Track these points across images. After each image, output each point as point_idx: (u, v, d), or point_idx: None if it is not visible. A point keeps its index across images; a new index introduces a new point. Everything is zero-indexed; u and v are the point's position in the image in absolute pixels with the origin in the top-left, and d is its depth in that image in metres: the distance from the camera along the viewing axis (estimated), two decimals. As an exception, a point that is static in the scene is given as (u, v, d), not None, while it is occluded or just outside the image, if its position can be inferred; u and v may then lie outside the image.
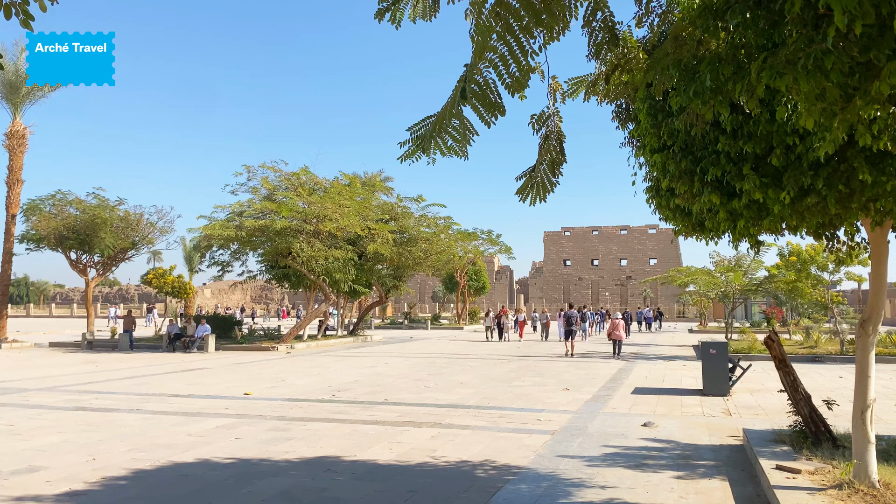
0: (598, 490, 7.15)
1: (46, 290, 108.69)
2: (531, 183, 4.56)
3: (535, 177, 4.52)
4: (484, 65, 3.05)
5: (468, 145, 3.57)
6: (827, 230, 6.18)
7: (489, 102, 3.20)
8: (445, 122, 3.36)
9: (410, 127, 3.60)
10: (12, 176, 30.84)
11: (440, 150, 3.59)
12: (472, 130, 3.47)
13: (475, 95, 3.14)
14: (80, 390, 15.08)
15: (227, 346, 28.20)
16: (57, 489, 7.05)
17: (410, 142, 3.58)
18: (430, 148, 3.49)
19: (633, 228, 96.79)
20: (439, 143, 3.50)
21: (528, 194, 4.61)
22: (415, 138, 3.56)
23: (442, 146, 3.54)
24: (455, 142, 3.52)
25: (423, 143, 3.51)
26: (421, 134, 3.52)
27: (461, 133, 3.46)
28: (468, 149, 3.57)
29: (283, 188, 29.26)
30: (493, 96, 3.18)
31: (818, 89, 2.96)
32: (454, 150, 3.60)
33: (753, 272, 32.98)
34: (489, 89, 3.15)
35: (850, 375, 17.76)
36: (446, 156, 3.65)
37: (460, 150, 3.60)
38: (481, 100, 3.18)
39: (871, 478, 6.20)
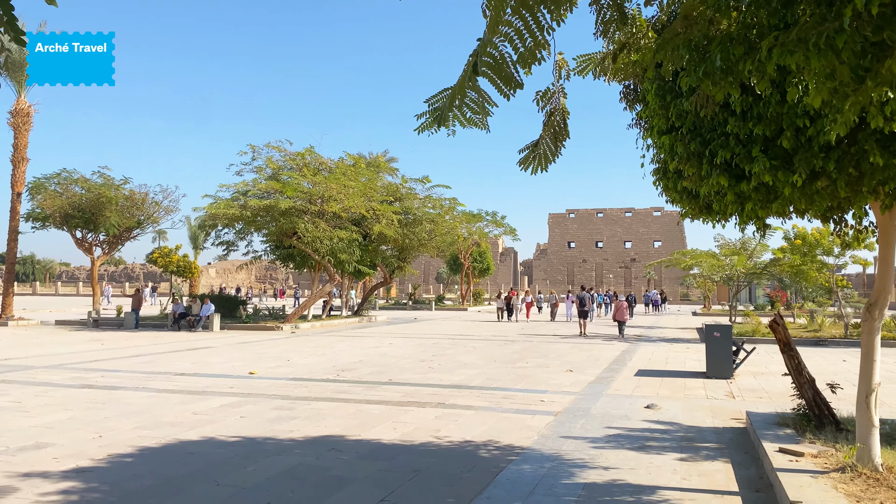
0: (601, 471, 7.19)
1: (52, 269, 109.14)
2: (534, 154, 4.54)
3: (538, 149, 4.50)
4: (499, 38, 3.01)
5: (488, 117, 3.56)
6: (835, 213, 6.14)
7: (505, 75, 3.18)
8: (462, 94, 3.33)
9: (428, 99, 3.58)
10: (17, 154, 30.84)
11: (460, 122, 3.58)
12: (491, 102, 3.46)
13: (489, 68, 3.12)
14: (87, 368, 15.18)
15: (232, 326, 28.32)
16: (64, 466, 7.11)
17: (427, 113, 3.56)
18: (448, 119, 3.47)
19: (637, 211, 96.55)
20: (458, 115, 3.48)
21: (530, 164, 4.60)
22: (432, 110, 3.54)
23: (461, 118, 3.53)
24: (474, 113, 3.50)
25: (440, 115, 3.48)
26: (439, 105, 3.50)
27: (480, 105, 3.44)
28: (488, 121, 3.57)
29: (288, 168, 29.22)
30: (510, 69, 3.16)
31: (829, 68, 2.92)
32: (474, 121, 3.59)
33: (758, 256, 32.90)
34: (504, 63, 3.12)
35: (853, 359, 17.76)
36: (466, 127, 3.65)
37: (480, 122, 3.59)
38: (497, 72, 3.15)
39: (874, 461, 6.20)
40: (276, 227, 27.26)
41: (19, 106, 30.94)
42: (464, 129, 3.84)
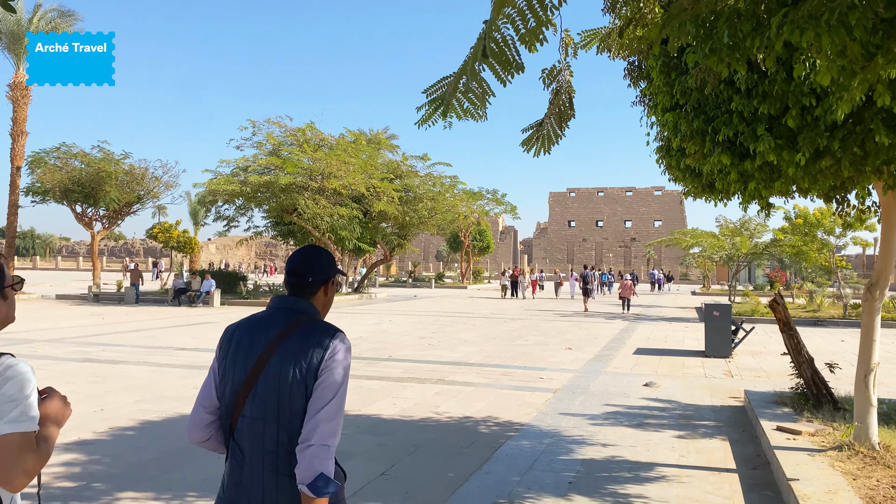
0: (600, 447, 7.24)
1: (52, 243, 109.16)
2: (537, 135, 4.48)
3: (542, 129, 4.45)
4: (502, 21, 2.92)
5: (485, 107, 3.45)
6: (838, 193, 6.12)
7: (505, 60, 3.06)
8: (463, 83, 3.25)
9: (426, 89, 3.43)
10: (16, 128, 30.69)
11: (456, 114, 3.44)
12: (489, 91, 3.33)
13: (493, 54, 3.01)
14: (88, 342, 15.24)
15: (232, 302, 28.38)
16: (66, 438, 7.16)
17: (427, 105, 3.46)
18: (447, 111, 3.38)
19: (638, 190, 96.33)
20: (455, 106, 3.37)
21: (533, 146, 4.54)
22: (431, 101, 3.44)
23: (458, 109, 3.39)
24: (472, 104, 3.38)
25: (440, 107, 3.39)
26: (438, 96, 3.41)
27: (478, 95, 3.34)
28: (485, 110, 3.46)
29: (289, 144, 29.11)
30: (511, 53, 3.06)
31: (840, 46, 2.88)
32: (471, 112, 3.44)
33: (759, 236, 32.90)
34: (507, 46, 3.02)
35: (851, 339, 17.82)
36: (462, 119, 3.50)
37: (476, 113, 3.47)
38: (498, 58, 3.04)
39: (871, 440, 6.25)
40: (276, 203, 27.22)
41: (18, 79, 30.72)
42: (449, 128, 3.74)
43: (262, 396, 2.27)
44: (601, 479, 6.17)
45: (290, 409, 2.25)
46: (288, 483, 2.24)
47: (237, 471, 2.31)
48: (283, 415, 2.25)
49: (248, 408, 2.29)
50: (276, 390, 2.26)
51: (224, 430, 2.38)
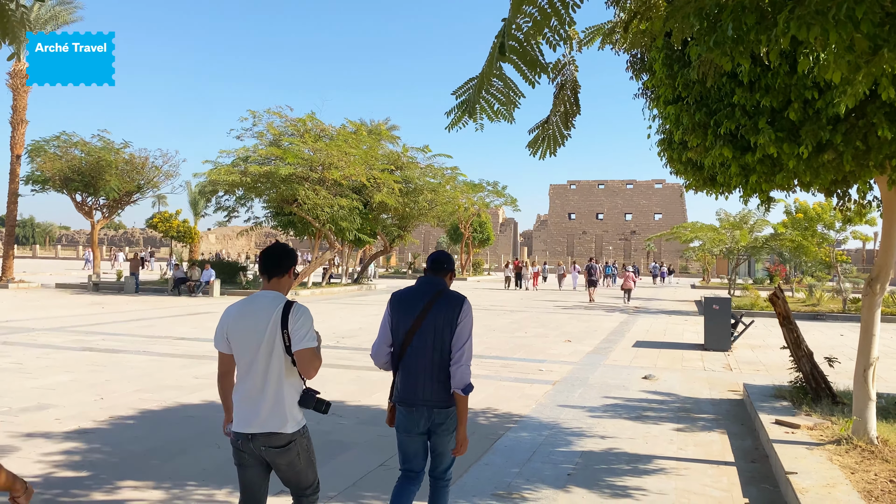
0: (598, 440, 7.26)
1: (52, 232, 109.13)
2: (543, 136, 4.45)
3: (548, 129, 4.42)
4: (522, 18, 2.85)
5: (515, 108, 3.41)
6: (839, 187, 6.11)
7: (530, 59, 2.98)
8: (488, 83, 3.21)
9: (455, 91, 3.42)
10: (16, 116, 30.60)
11: (487, 116, 3.39)
12: (518, 92, 3.27)
13: (515, 52, 2.91)
14: (87, 331, 15.25)
15: (232, 292, 28.40)
16: (66, 427, 7.18)
17: (456, 108, 3.42)
18: (476, 113, 3.34)
19: (639, 183, 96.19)
20: (485, 106, 3.33)
21: (539, 147, 4.52)
22: (460, 104, 3.41)
23: (489, 110, 3.35)
24: (501, 105, 3.33)
25: (469, 108, 3.36)
26: (466, 98, 3.38)
27: (506, 95, 3.30)
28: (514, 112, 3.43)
29: (289, 134, 29.02)
30: (534, 52, 3.00)
31: (847, 41, 2.87)
32: (502, 113, 3.40)
33: (759, 230, 32.89)
34: (529, 45, 2.95)
35: (850, 334, 17.85)
36: (494, 121, 3.45)
37: (507, 114, 3.43)
38: (522, 57, 2.95)
39: (869, 434, 6.26)
40: (276, 193, 27.17)
41: (18, 67, 30.62)
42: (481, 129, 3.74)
43: (424, 335, 3.83)
44: (600, 471, 6.19)
45: (441, 342, 3.82)
46: (439, 385, 3.83)
47: (408, 378, 3.87)
48: (437, 346, 3.81)
49: (414, 341, 3.85)
50: (432, 331, 3.83)
51: (394, 356, 3.95)
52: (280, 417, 3.45)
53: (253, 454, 3.54)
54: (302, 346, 3.39)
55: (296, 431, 3.52)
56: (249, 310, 3.53)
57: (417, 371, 3.83)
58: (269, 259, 3.61)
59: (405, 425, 3.92)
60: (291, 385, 3.51)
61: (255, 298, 3.57)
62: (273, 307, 3.47)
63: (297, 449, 3.55)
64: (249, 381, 3.50)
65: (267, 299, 3.52)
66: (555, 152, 4.62)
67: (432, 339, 3.81)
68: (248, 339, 3.48)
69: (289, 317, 3.42)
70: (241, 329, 3.50)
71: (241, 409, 3.52)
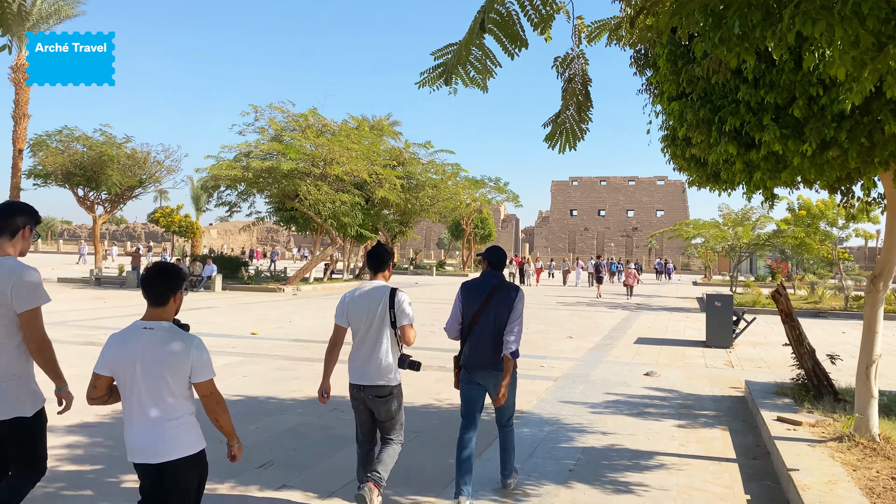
0: (600, 436, 7.26)
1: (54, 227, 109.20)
2: (559, 129, 4.45)
3: (562, 123, 4.41)
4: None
5: (490, 77, 3.50)
6: (843, 184, 6.10)
7: (511, 33, 3.12)
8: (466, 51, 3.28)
9: (434, 52, 3.49)
10: (18, 110, 30.62)
11: (462, 81, 3.51)
12: (495, 62, 3.39)
13: (496, 24, 3.06)
14: (90, 325, 15.27)
15: (234, 287, 28.43)
16: (68, 421, 7.19)
17: (431, 69, 3.50)
18: (451, 78, 3.42)
19: (641, 179, 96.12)
20: (461, 73, 3.42)
21: (557, 141, 4.51)
22: (436, 66, 3.48)
23: (464, 76, 3.46)
24: (477, 73, 3.45)
25: (445, 72, 3.43)
26: (443, 61, 3.44)
27: (483, 64, 3.39)
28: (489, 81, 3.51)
29: (291, 129, 29.00)
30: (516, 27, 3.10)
31: (852, 36, 2.86)
32: (476, 81, 3.52)
33: (761, 227, 32.86)
34: (511, 20, 3.07)
35: (852, 331, 17.84)
36: (468, 87, 3.59)
37: (482, 82, 3.54)
38: (503, 29, 3.10)
39: (871, 431, 6.26)
40: (278, 188, 27.18)
41: (20, 61, 30.60)
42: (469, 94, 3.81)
43: (487, 315, 5.02)
44: (601, 466, 6.20)
45: (500, 321, 4.98)
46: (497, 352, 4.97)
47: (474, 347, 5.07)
48: (498, 324, 4.99)
49: (480, 321, 5.03)
50: (493, 313, 5.01)
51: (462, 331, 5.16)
52: (386, 374, 4.68)
53: (362, 401, 4.78)
54: (404, 322, 4.70)
55: (395, 386, 4.78)
56: (365, 295, 4.73)
57: (480, 342, 5.04)
58: (376, 258, 4.87)
59: (468, 380, 5.16)
60: (394, 351, 4.70)
61: (369, 286, 4.78)
62: (383, 293, 4.69)
63: (394, 398, 4.80)
64: (364, 347, 4.70)
65: (377, 287, 4.74)
66: (574, 146, 4.63)
67: (493, 318, 5.01)
68: (363, 315, 4.68)
69: (394, 300, 4.67)
70: (358, 308, 4.71)
71: (356, 367, 4.77)
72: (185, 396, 3.40)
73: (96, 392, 3.45)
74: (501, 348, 4.95)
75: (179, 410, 3.37)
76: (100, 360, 3.42)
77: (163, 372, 3.29)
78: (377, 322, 4.64)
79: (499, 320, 4.99)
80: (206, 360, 3.35)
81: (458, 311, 5.18)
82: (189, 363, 3.31)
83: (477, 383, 5.13)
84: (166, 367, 3.29)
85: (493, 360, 5.02)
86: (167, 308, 3.41)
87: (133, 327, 3.42)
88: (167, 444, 3.33)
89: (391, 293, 4.69)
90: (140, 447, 3.35)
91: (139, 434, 3.36)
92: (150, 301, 3.41)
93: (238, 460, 3.68)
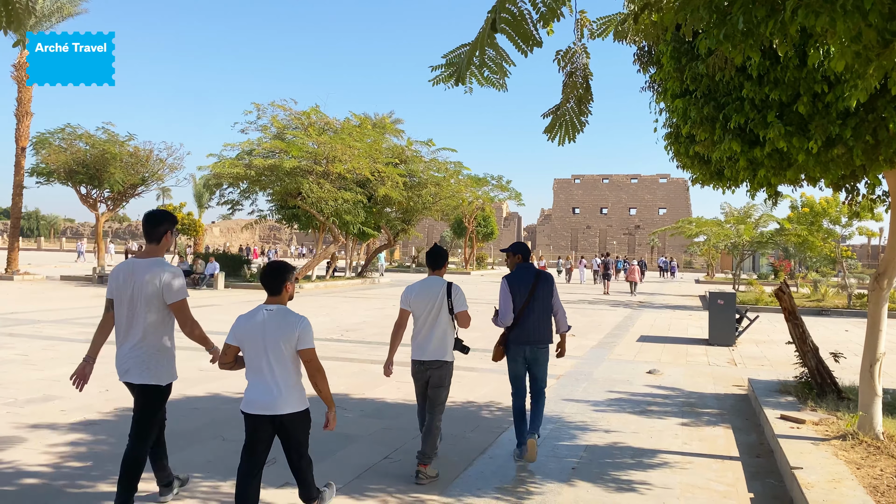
0: (603, 433, 7.25)
1: (57, 224, 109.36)
2: (559, 122, 4.45)
3: (562, 115, 4.41)
4: None
5: (506, 77, 3.50)
6: (848, 182, 6.08)
7: (524, 32, 3.12)
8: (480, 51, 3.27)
9: (446, 54, 3.51)
10: (21, 108, 30.61)
11: (477, 80, 3.52)
12: (509, 60, 3.40)
13: (508, 24, 3.08)
14: (92, 323, 15.28)
15: (236, 285, 28.44)
16: (72, 418, 7.20)
17: (444, 67, 3.50)
18: (465, 77, 3.41)
19: (643, 177, 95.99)
20: (475, 72, 3.42)
21: (557, 133, 4.51)
22: (448, 64, 3.48)
23: (479, 76, 3.47)
24: (492, 73, 3.44)
25: (458, 71, 3.42)
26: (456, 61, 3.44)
27: (497, 64, 3.38)
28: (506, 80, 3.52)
29: (293, 127, 28.98)
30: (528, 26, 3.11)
31: (854, 31, 2.85)
32: (492, 81, 3.54)
33: (764, 225, 32.81)
34: (523, 19, 3.07)
35: (855, 329, 17.81)
36: (484, 86, 3.61)
37: (498, 82, 3.54)
38: (516, 29, 3.11)
39: (875, 430, 6.25)
40: (280, 186, 27.16)
41: (22, 59, 30.61)
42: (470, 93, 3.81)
43: (534, 301, 5.98)
44: (605, 465, 6.19)
45: (547, 304, 6.04)
46: (543, 331, 6.04)
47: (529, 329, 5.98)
48: (545, 307, 6.02)
49: (530, 305, 5.97)
50: (540, 298, 5.99)
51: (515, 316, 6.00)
52: (442, 352, 5.71)
53: (423, 374, 5.79)
54: (460, 309, 5.73)
55: (450, 362, 5.77)
56: (427, 286, 5.75)
57: (530, 323, 6.04)
58: (436, 257, 5.88)
59: (520, 357, 6.13)
60: (449, 333, 5.73)
61: (429, 279, 5.82)
62: (441, 284, 5.73)
63: (448, 372, 5.78)
64: (424, 329, 5.74)
65: (436, 280, 5.79)
66: (574, 138, 4.63)
67: (540, 303, 6.07)
68: (425, 304, 5.70)
69: (451, 291, 5.71)
70: (421, 298, 5.72)
71: (417, 345, 5.82)
72: (297, 365, 4.39)
73: (225, 358, 4.53)
74: (551, 327, 6.15)
75: (294, 375, 4.37)
76: (230, 334, 4.45)
77: (279, 342, 4.27)
78: (436, 308, 5.66)
79: (546, 303, 6.08)
80: (309, 334, 4.34)
81: (510, 301, 6.06)
82: (297, 335, 4.29)
83: (523, 358, 6.10)
84: (283, 338, 4.27)
85: (544, 336, 6.09)
86: (282, 295, 4.43)
87: (257, 309, 4.41)
88: (285, 400, 4.32)
89: (448, 285, 5.73)
90: (262, 402, 4.34)
91: (262, 391, 4.33)
92: (269, 291, 4.44)
93: (331, 428, 4.49)
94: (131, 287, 4.64)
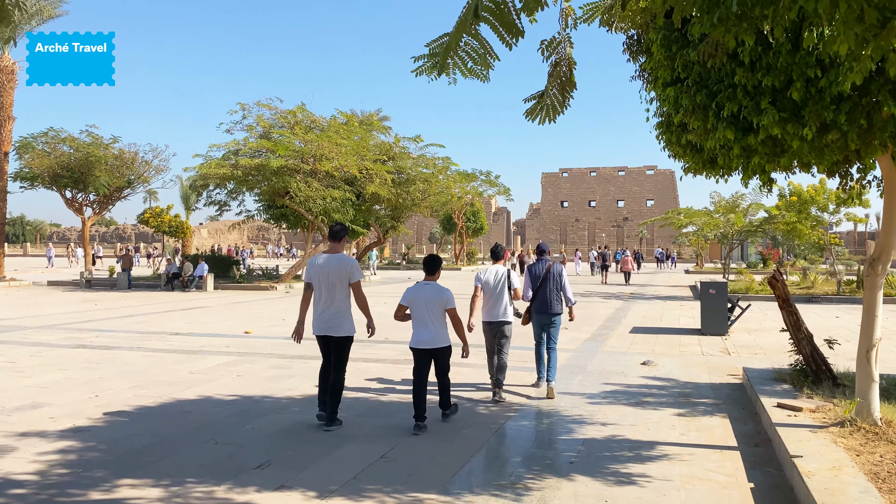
0: (600, 427, 7.20)
1: (43, 230, 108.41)
2: (541, 105, 4.40)
3: (545, 100, 4.36)
4: None
5: (489, 69, 3.41)
6: (842, 168, 6.04)
7: (507, 22, 3.01)
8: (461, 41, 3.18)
9: (429, 43, 3.41)
10: (3, 112, 30.26)
11: (461, 71, 3.43)
12: (493, 54, 3.30)
13: (490, 13, 2.97)
14: (80, 328, 15.11)
15: (226, 286, 28.25)
16: (61, 425, 7.08)
17: (427, 57, 3.41)
18: (447, 67, 3.32)
19: (630, 169, 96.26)
20: (459, 63, 3.32)
21: (537, 115, 4.47)
22: (431, 54, 3.38)
23: (462, 67, 3.37)
24: (475, 64, 3.36)
25: (440, 62, 3.33)
26: (439, 51, 3.34)
27: (481, 55, 3.28)
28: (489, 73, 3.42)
29: (279, 126, 28.75)
30: (512, 15, 3.00)
31: (857, 11, 2.78)
32: (475, 72, 3.44)
33: (753, 213, 32.91)
34: (506, 8, 2.96)
35: (846, 316, 17.88)
36: (468, 77, 3.50)
37: (481, 74, 3.45)
38: (499, 18, 3.00)
39: (873, 416, 6.22)
40: (267, 186, 26.96)
41: (3, 63, 30.24)
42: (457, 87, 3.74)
43: (547, 281, 8.80)
44: (603, 458, 6.13)
45: (556, 284, 8.84)
46: (556, 303, 8.84)
47: (542, 301, 8.81)
48: (556, 286, 8.83)
49: (544, 284, 8.81)
50: (552, 280, 8.82)
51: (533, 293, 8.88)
52: (505, 314, 8.22)
53: (494, 332, 8.25)
54: (516, 286, 8.30)
55: (510, 322, 8.28)
56: (491, 271, 8.28)
57: (545, 298, 8.73)
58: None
59: (538, 322, 8.84)
60: (509, 302, 8.30)
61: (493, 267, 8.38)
62: (503, 271, 8.29)
63: (510, 329, 8.33)
64: (492, 300, 8.19)
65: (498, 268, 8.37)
66: (554, 119, 4.64)
67: (552, 283, 8.74)
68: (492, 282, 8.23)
69: (510, 274, 8.30)
70: (488, 279, 8.21)
71: (488, 310, 8.23)
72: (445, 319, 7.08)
73: (400, 314, 7.10)
74: (561, 301, 8.80)
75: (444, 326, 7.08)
76: (402, 298, 7.05)
77: (435, 303, 6.93)
78: (500, 286, 8.20)
79: (555, 284, 8.76)
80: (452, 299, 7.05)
81: (529, 283, 8.85)
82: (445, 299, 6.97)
83: (541, 323, 8.82)
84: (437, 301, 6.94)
85: (555, 307, 8.74)
86: (435, 275, 7.12)
87: (420, 283, 7.05)
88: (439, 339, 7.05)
89: (507, 272, 8.29)
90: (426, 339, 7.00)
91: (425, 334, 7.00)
92: (428, 273, 7.14)
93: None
94: (327, 273, 6.80)
